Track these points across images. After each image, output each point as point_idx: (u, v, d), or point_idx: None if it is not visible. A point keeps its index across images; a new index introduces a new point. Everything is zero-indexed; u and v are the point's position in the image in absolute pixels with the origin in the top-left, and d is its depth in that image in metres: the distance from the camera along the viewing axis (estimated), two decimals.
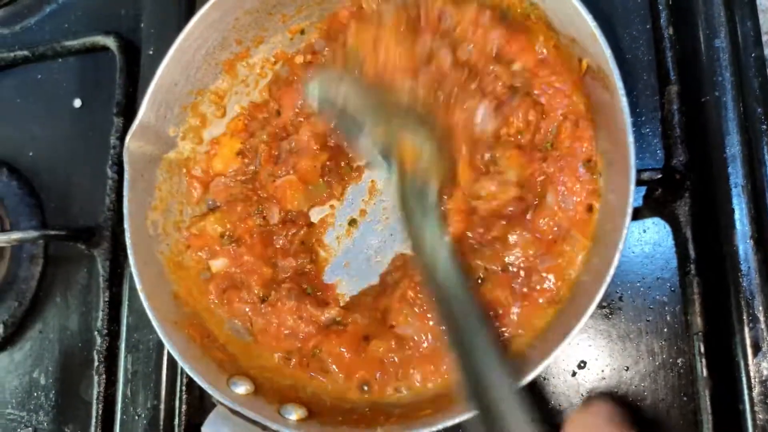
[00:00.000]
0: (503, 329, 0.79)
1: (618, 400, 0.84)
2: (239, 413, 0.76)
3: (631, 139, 0.68)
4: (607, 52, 0.70)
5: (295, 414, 0.78)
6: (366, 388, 0.83)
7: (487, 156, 0.81)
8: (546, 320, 0.78)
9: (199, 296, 0.90)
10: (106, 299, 1.02)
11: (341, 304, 0.92)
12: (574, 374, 0.88)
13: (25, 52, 1.19)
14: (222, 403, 0.77)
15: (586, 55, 0.76)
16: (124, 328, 0.99)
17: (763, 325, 0.75)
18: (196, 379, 0.77)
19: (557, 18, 0.78)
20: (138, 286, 0.81)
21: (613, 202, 0.73)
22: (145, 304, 0.81)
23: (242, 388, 0.79)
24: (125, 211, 0.85)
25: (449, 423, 0.70)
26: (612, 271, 0.68)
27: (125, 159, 0.86)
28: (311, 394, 0.84)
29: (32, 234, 1.03)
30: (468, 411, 0.68)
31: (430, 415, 0.73)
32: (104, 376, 0.99)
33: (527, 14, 0.81)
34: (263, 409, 0.77)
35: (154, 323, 0.80)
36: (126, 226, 0.84)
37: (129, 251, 0.83)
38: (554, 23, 0.79)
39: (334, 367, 0.85)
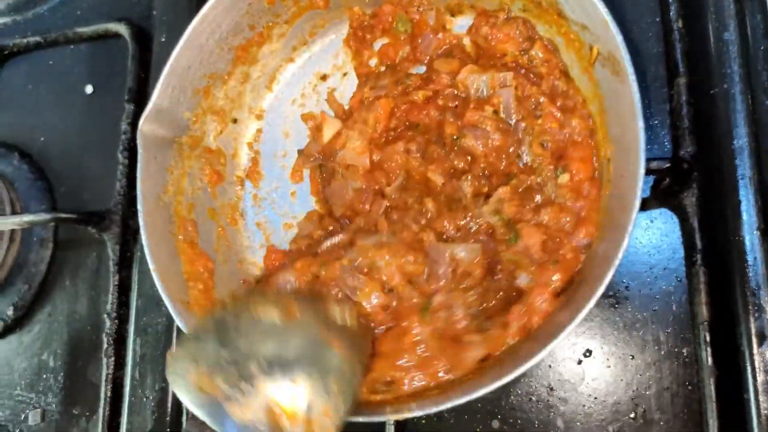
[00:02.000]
0: None
1: None
2: None
3: (641, 123, 0.68)
4: (618, 38, 0.71)
5: None
6: None
7: None
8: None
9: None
10: (116, 283, 1.03)
11: None
12: (579, 362, 0.88)
13: (38, 39, 1.21)
14: None
15: (597, 42, 0.77)
16: (133, 312, 1.00)
17: None
18: None
19: (568, 5, 0.79)
20: (150, 266, 0.82)
21: (623, 188, 0.73)
22: (157, 284, 0.81)
23: None
24: (138, 192, 0.86)
25: (457, 402, 0.70)
26: (620, 255, 0.68)
27: (139, 141, 0.86)
28: None
29: (44, 216, 1.03)
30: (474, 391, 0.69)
31: (438, 395, 0.74)
32: (113, 359, 1.00)
33: (539, 2, 0.82)
34: None
35: (166, 301, 0.81)
36: (139, 207, 0.85)
37: (142, 232, 0.84)
38: (565, 10, 0.80)
39: None
